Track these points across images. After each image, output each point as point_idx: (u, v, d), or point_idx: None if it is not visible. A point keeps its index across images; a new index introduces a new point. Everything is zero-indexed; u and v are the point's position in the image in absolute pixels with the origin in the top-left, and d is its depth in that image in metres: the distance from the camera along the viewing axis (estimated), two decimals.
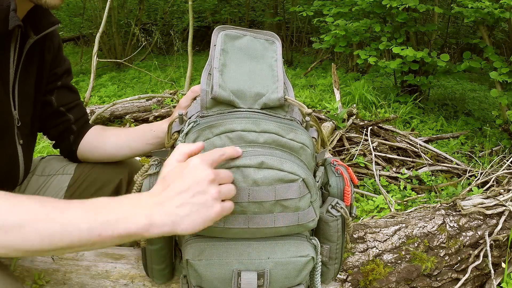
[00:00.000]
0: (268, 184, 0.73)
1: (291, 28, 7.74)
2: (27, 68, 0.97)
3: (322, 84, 4.84)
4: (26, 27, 0.93)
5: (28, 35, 0.94)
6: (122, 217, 0.65)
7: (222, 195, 0.68)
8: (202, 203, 0.66)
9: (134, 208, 0.66)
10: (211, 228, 0.76)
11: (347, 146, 2.71)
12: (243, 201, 0.74)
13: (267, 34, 0.88)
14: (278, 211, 0.76)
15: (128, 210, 0.66)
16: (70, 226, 0.64)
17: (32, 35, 0.94)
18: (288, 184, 0.74)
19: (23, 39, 0.93)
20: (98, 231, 0.64)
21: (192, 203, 0.66)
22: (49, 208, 0.66)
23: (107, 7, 4.47)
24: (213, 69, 0.79)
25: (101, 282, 1.00)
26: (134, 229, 0.64)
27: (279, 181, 0.74)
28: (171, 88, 4.51)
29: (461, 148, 3.15)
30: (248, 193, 0.73)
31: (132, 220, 0.64)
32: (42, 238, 0.63)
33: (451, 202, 1.38)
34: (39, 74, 1.02)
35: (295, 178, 0.74)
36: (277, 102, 0.79)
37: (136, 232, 0.65)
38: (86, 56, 6.97)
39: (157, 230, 0.65)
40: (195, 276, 0.79)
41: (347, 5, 4.18)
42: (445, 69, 3.77)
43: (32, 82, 1.00)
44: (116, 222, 0.64)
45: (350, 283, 1.07)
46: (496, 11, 3.05)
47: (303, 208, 0.77)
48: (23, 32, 0.93)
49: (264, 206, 0.74)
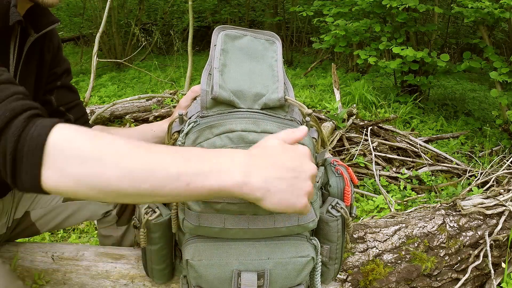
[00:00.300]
0: None
1: (291, 28, 7.74)
2: (27, 66, 0.96)
3: (322, 84, 4.84)
4: (26, 25, 0.93)
5: (29, 33, 0.94)
6: (216, 169, 0.60)
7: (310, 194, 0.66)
8: (298, 188, 0.63)
9: (231, 162, 0.61)
10: (211, 228, 0.76)
11: (347, 146, 2.72)
12: (243, 202, 0.74)
13: (267, 34, 0.88)
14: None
15: (225, 163, 0.61)
16: (157, 167, 0.59)
17: (33, 33, 0.94)
18: None
19: (24, 37, 0.93)
20: (188, 180, 0.59)
21: (291, 183, 0.63)
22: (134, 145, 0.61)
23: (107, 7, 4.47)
24: (213, 69, 0.79)
25: (101, 282, 1.00)
26: (227, 184, 0.60)
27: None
28: (171, 88, 4.51)
29: (461, 148, 3.15)
30: None
31: (228, 174, 0.60)
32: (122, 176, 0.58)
33: (451, 202, 1.38)
34: (38, 73, 1.01)
35: None
36: (277, 102, 0.78)
37: (228, 188, 0.60)
38: (86, 56, 6.97)
39: (249, 192, 0.61)
40: (195, 276, 0.79)
41: (347, 5, 4.19)
42: (445, 69, 3.77)
43: (32, 80, 0.99)
44: (210, 173, 0.59)
45: (350, 283, 1.07)
46: (496, 11, 3.05)
47: None
48: (23, 29, 0.93)
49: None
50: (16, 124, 0.61)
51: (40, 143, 0.59)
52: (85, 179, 0.59)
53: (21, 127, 0.60)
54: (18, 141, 0.59)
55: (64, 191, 0.60)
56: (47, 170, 0.59)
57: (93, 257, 1.04)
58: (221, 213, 0.75)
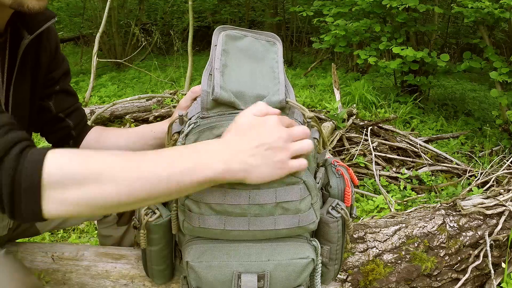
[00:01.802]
0: (269, 187, 0.73)
1: (291, 28, 7.74)
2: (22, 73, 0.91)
3: (322, 84, 4.84)
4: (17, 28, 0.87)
5: (21, 35, 0.87)
6: (199, 163, 0.65)
7: (294, 152, 0.69)
8: (274, 158, 0.68)
9: (210, 155, 0.67)
10: (212, 230, 0.76)
11: (347, 146, 2.72)
12: (243, 204, 0.74)
13: (268, 35, 0.88)
14: (279, 213, 0.76)
15: (205, 157, 0.66)
16: (149, 174, 0.63)
17: (26, 34, 0.87)
18: (289, 187, 0.74)
19: (16, 40, 0.87)
20: (177, 178, 0.64)
21: (264, 156, 0.67)
22: (124, 158, 0.65)
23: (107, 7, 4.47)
24: (214, 70, 0.78)
25: (101, 282, 1.00)
26: (211, 175, 0.65)
27: (280, 183, 0.74)
28: (171, 88, 4.51)
29: (461, 148, 3.15)
30: (248, 195, 0.73)
31: (210, 166, 0.65)
32: (120, 188, 0.62)
33: (451, 202, 1.38)
34: (34, 77, 0.95)
35: (296, 181, 0.74)
36: (278, 104, 0.78)
37: (214, 178, 0.66)
38: (86, 56, 6.97)
39: (231, 176, 0.67)
40: (195, 277, 0.79)
41: (347, 5, 4.18)
42: (445, 69, 3.77)
43: (27, 87, 0.94)
44: (194, 169, 0.65)
45: (350, 283, 1.07)
46: (496, 11, 3.05)
47: (303, 210, 0.77)
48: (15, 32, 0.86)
49: (265, 208, 0.74)
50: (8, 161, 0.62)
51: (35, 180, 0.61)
52: (85, 201, 0.62)
53: (14, 166, 0.62)
54: (13, 181, 0.61)
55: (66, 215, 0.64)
56: (47, 203, 0.61)
57: (93, 257, 1.04)
58: (222, 215, 0.75)
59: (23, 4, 0.77)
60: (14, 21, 0.87)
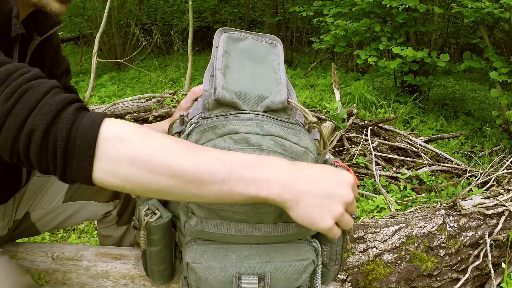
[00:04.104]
0: None
1: (291, 28, 7.74)
2: None
3: (322, 84, 4.84)
4: (29, 28, 0.91)
5: (32, 36, 0.92)
6: (258, 177, 0.62)
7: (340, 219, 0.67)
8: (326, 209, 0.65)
9: (271, 171, 0.64)
10: (214, 233, 0.76)
11: (347, 146, 2.72)
12: (248, 211, 0.74)
13: (269, 37, 0.88)
14: (282, 220, 0.76)
15: (265, 172, 0.63)
16: (205, 171, 0.61)
17: (36, 36, 0.92)
18: None
19: (27, 41, 0.91)
20: (230, 185, 0.61)
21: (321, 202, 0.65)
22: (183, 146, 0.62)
23: (107, 7, 4.47)
24: (215, 71, 0.79)
25: (101, 282, 1.00)
26: (263, 194, 0.62)
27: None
28: (171, 88, 4.51)
29: (461, 148, 3.15)
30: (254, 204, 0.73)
31: (266, 185, 0.62)
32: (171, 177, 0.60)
33: (451, 202, 1.38)
34: None
35: None
36: (280, 105, 0.78)
37: (264, 197, 0.63)
38: (86, 56, 6.97)
39: (280, 201, 0.64)
40: (195, 279, 0.78)
41: (347, 5, 4.19)
42: (445, 69, 3.77)
43: None
44: (251, 182, 0.62)
45: (350, 283, 1.07)
46: (496, 11, 3.05)
47: None
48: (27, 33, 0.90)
49: (269, 217, 0.75)
50: (65, 117, 0.60)
51: (92, 137, 0.59)
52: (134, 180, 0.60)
53: (71, 121, 0.60)
54: (69, 135, 0.59)
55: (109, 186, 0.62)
56: (99, 163, 0.59)
57: (93, 257, 1.04)
58: (225, 220, 0.75)
59: (47, 6, 0.81)
60: (27, 23, 0.91)
